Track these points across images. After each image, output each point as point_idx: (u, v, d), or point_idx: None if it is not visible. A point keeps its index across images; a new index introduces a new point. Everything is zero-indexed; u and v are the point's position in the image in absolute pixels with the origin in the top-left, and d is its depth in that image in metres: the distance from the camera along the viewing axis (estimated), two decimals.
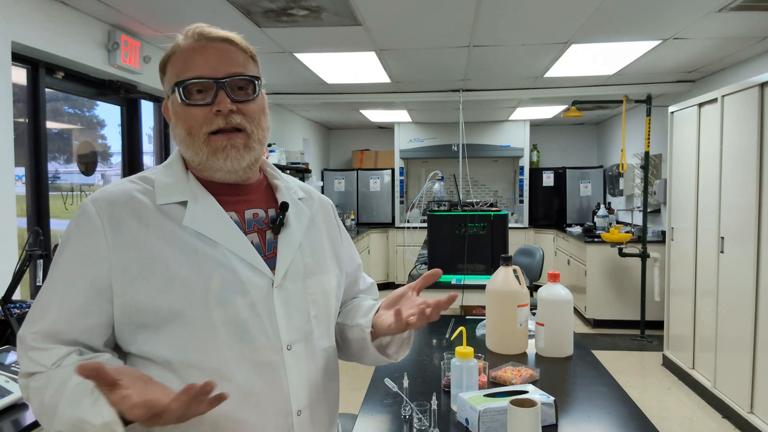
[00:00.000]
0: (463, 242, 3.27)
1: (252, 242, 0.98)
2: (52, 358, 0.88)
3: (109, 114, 3.53)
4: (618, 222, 6.61)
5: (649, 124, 5.03)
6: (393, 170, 7.70)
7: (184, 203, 0.96)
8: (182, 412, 0.77)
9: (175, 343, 0.91)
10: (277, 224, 1.02)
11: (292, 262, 1.01)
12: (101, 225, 0.91)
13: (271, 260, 0.99)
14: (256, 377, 0.93)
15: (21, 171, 2.66)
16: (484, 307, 2.26)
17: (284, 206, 1.03)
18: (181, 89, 0.94)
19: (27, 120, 2.69)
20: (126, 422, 0.79)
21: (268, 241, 1.01)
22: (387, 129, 8.08)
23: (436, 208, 3.55)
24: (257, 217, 1.02)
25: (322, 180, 7.76)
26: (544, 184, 7.52)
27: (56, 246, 2.91)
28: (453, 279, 3.29)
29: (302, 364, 0.99)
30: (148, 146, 3.86)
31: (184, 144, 0.97)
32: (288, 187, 1.10)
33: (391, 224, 7.70)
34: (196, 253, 0.92)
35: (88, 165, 3.31)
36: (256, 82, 0.98)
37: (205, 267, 0.92)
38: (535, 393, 1.41)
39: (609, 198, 7.14)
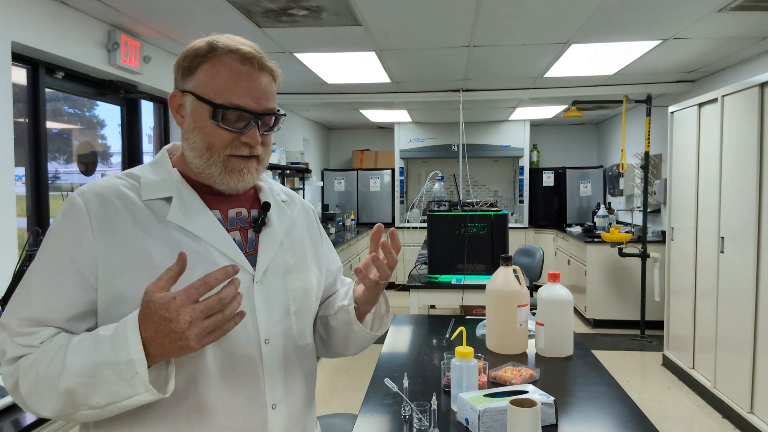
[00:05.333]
0: (463, 242, 3.27)
1: (234, 239, 1.01)
2: (40, 338, 0.89)
3: (109, 114, 3.53)
4: (618, 222, 6.61)
5: (649, 124, 5.03)
6: (393, 170, 7.70)
7: (168, 199, 0.98)
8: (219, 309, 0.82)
9: None
10: (258, 223, 1.05)
11: (273, 259, 1.04)
12: (87, 216, 0.93)
13: (252, 257, 1.03)
14: (233, 369, 0.96)
15: (21, 171, 2.66)
16: (484, 307, 2.26)
17: (266, 206, 1.07)
18: (220, 113, 0.95)
19: (27, 120, 2.69)
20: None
21: (250, 239, 1.05)
22: (387, 129, 8.08)
23: (436, 208, 3.54)
24: (240, 215, 1.06)
25: (322, 180, 7.76)
26: (544, 184, 7.52)
27: None
28: (453, 279, 3.29)
29: (279, 358, 1.02)
30: (148, 146, 3.86)
31: (198, 153, 0.98)
32: (271, 188, 1.14)
33: (391, 224, 7.70)
34: (180, 247, 0.94)
35: (88, 165, 3.31)
36: (282, 118, 1.02)
37: (188, 260, 0.91)
38: (535, 393, 1.40)
39: (609, 198, 7.15)
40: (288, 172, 5.82)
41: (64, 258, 0.92)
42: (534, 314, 1.98)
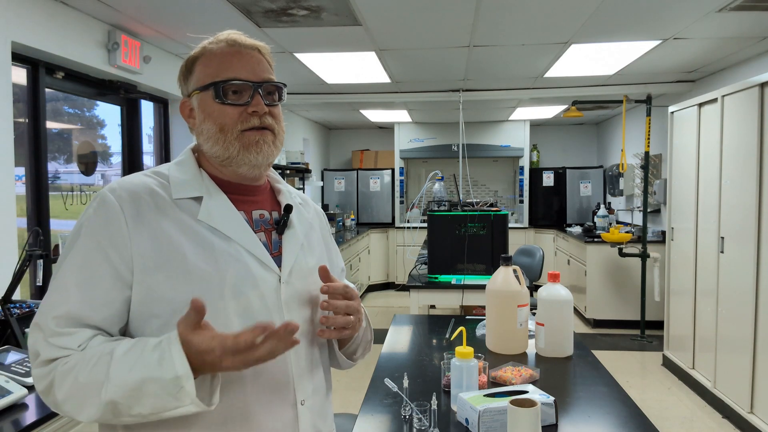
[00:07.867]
0: (463, 242, 3.27)
1: (261, 240, 1.03)
2: (77, 340, 0.88)
3: (109, 114, 3.53)
4: (618, 222, 6.61)
5: (649, 124, 5.03)
6: (393, 170, 7.70)
7: (198, 199, 1.00)
8: (268, 349, 0.84)
9: None
10: (281, 225, 1.08)
11: (296, 260, 1.06)
12: (122, 214, 0.93)
13: (276, 259, 1.04)
14: (266, 370, 0.96)
15: (21, 171, 2.66)
16: (484, 307, 2.26)
17: (288, 208, 1.09)
18: (220, 89, 0.99)
19: (27, 120, 2.69)
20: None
21: (274, 241, 1.07)
22: (387, 129, 8.08)
23: (436, 208, 3.54)
24: (263, 217, 1.08)
25: (322, 180, 7.76)
26: (544, 184, 7.52)
27: (56, 246, 2.91)
28: (453, 279, 3.29)
29: (306, 356, 1.05)
30: (148, 146, 3.86)
31: (213, 140, 1.00)
32: (289, 191, 1.17)
33: (391, 224, 7.70)
34: (213, 247, 0.96)
35: (88, 165, 3.31)
36: (284, 89, 1.07)
37: (221, 261, 0.96)
38: (535, 393, 1.41)
39: (609, 198, 7.15)
40: (288, 172, 5.82)
41: (99, 255, 0.91)
42: (534, 314, 1.98)
